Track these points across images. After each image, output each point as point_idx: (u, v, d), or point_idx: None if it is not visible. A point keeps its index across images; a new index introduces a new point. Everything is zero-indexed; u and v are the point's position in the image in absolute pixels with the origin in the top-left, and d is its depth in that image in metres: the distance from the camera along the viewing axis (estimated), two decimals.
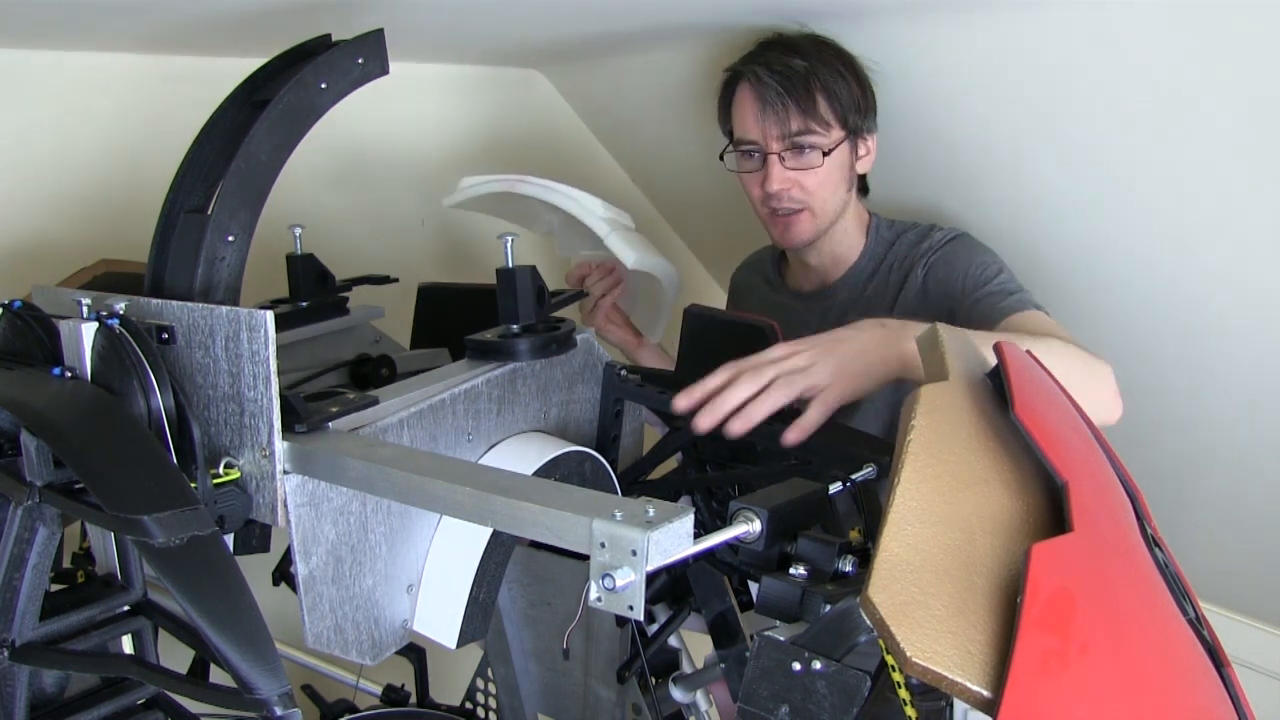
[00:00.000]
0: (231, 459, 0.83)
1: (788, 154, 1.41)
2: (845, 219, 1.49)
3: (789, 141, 1.40)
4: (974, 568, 0.62)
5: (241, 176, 0.89)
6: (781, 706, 0.68)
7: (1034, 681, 0.56)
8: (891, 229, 1.51)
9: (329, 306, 1.26)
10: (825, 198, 1.43)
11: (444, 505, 0.75)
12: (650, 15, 1.48)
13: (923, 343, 0.83)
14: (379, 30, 0.98)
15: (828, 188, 1.43)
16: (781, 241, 1.50)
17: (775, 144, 1.40)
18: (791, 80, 1.38)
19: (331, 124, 0.96)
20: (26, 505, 0.77)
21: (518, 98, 2.04)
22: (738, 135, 1.46)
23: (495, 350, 1.05)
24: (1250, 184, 1.30)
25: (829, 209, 1.45)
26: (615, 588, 0.63)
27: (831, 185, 1.43)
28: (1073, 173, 1.46)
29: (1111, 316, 1.61)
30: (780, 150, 1.40)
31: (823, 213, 1.44)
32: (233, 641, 0.65)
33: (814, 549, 0.76)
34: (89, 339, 0.82)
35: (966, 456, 0.69)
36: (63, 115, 1.42)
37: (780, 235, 1.48)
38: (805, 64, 1.39)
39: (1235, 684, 0.72)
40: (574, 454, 1.04)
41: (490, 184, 1.32)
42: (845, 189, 1.46)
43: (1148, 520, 0.78)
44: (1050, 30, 1.28)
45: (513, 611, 1.29)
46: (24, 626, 0.78)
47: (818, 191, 1.42)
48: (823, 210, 1.44)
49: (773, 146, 1.40)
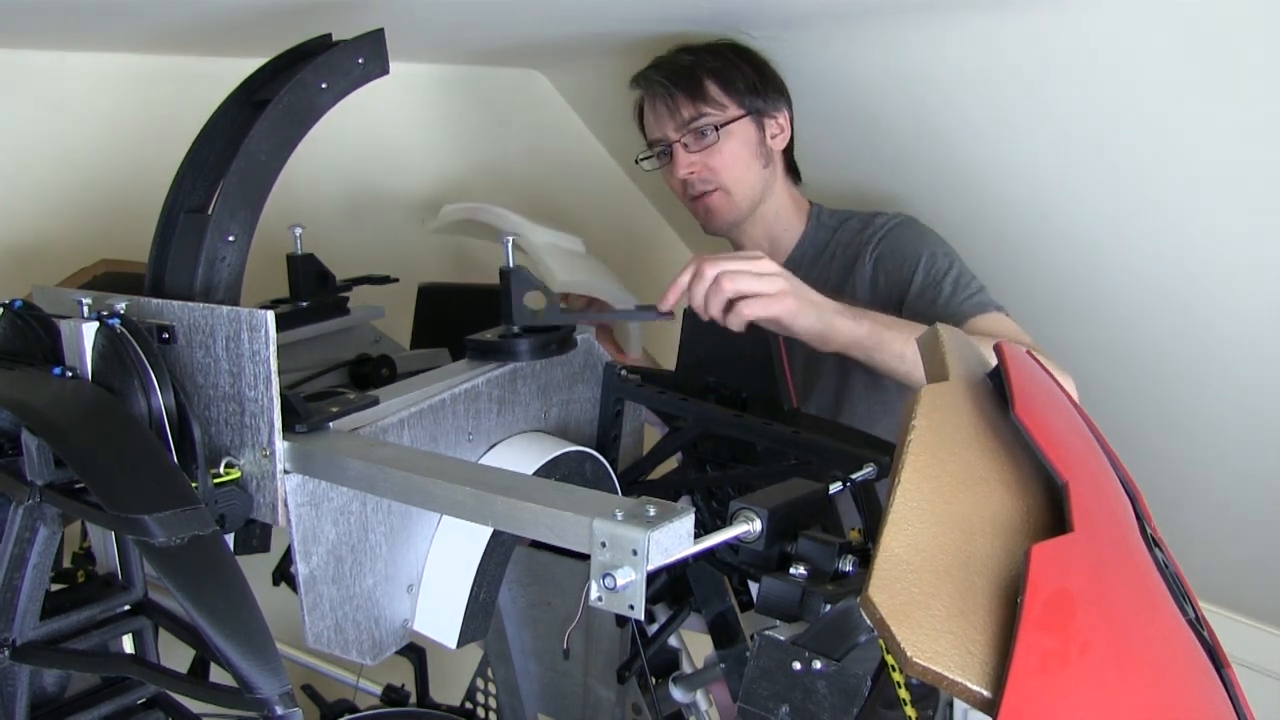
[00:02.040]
0: (232, 459, 0.83)
1: (689, 139, 1.48)
2: (774, 201, 1.53)
3: (685, 129, 1.47)
4: (974, 568, 0.62)
5: (242, 176, 0.89)
6: (782, 706, 0.68)
7: (1034, 682, 0.56)
8: (834, 217, 1.55)
9: (329, 306, 1.26)
10: (736, 176, 1.48)
11: (444, 505, 0.75)
12: (650, 16, 1.48)
13: (923, 343, 0.83)
14: (379, 30, 0.98)
15: (737, 166, 1.48)
16: (707, 225, 1.54)
17: (674, 133, 1.48)
18: (677, 73, 1.47)
19: (332, 124, 0.96)
20: (27, 505, 0.77)
21: (518, 98, 2.04)
22: (649, 139, 1.55)
23: (496, 350, 1.05)
24: (1251, 184, 1.30)
25: (743, 187, 1.49)
26: (616, 587, 0.63)
27: (741, 163, 1.48)
28: (1072, 173, 1.46)
29: (1111, 317, 1.61)
30: (680, 138, 1.48)
31: (737, 190, 1.49)
32: (233, 641, 0.65)
33: (814, 549, 0.76)
34: (89, 339, 0.82)
35: (966, 456, 0.69)
36: (63, 115, 1.42)
37: (704, 220, 1.53)
38: (692, 58, 1.48)
39: (1235, 684, 0.72)
40: (574, 454, 1.04)
41: (459, 211, 1.43)
42: (759, 166, 1.50)
43: (1148, 520, 0.78)
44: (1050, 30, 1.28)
45: (513, 611, 1.29)
46: (25, 626, 0.78)
47: (725, 170, 1.48)
48: (736, 187, 1.49)
49: (672, 136, 1.48)
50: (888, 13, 1.37)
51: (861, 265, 1.45)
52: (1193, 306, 1.51)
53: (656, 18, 1.51)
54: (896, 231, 1.45)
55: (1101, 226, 1.50)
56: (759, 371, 1.15)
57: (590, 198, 2.21)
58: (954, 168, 1.58)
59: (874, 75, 1.52)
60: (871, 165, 1.71)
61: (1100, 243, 1.53)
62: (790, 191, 1.56)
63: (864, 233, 1.48)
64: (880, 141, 1.65)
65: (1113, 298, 1.58)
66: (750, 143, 1.49)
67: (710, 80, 1.46)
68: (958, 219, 1.59)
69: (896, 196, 1.67)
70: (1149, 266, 1.50)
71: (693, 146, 1.47)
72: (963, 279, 1.36)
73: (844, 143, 1.68)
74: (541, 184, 2.11)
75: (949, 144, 1.55)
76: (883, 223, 1.47)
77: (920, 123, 1.55)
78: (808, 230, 1.55)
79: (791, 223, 1.56)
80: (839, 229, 1.52)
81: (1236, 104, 1.23)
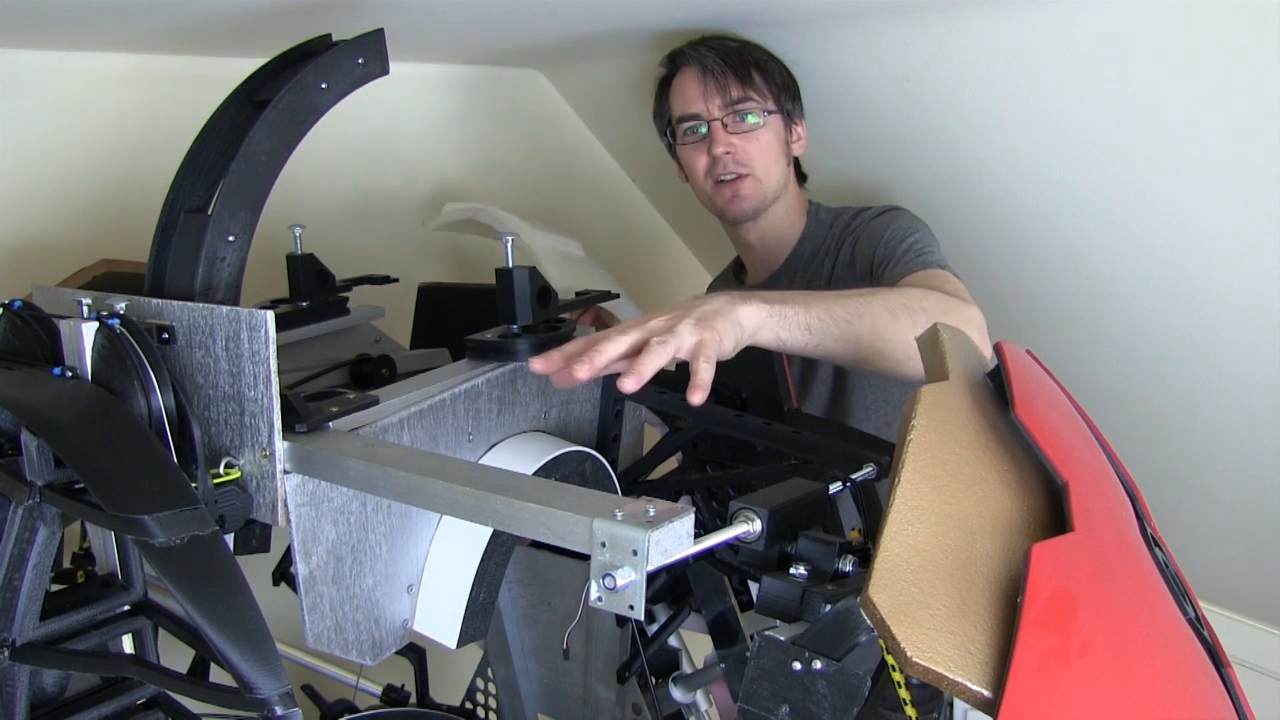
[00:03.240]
0: (232, 459, 0.83)
1: (730, 120, 1.49)
2: (786, 199, 1.56)
3: (730, 108, 1.48)
4: (974, 568, 0.62)
5: (241, 176, 0.89)
6: (782, 706, 0.68)
7: (1034, 681, 0.56)
8: (830, 213, 1.58)
9: (329, 306, 1.26)
10: (767, 166, 1.51)
11: (444, 505, 0.75)
12: (650, 15, 1.48)
13: (923, 343, 0.83)
14: (379, 30, 0.98)
15: (769, 156, 1.51)
16: (729, 210, 1.54)
17: (718, 111, 1.49)
18: (728, 55, 1.49)
19: (332, 124, 0.96)
20: (27, 505, 0.77)
21: (518, 98, 2.04)
22: (680, 113, 1.54)
23: (495, 350, 1.05)
24: (1251, 184, 1.30)
25: (770, 178, 1.52)
26: (616, 587, 0.63)
27: (772, 154, 1.51)
28: (1072, 172, 1.46)
29: (1110, 317, 1.61)
30: (722, 116, 1.49)
31: (765, 179, 1.51)
32: (233, 641, 0.65)
33: (814, 549, 0.76)
34: (89, 339, 0.82)
35: (966, 456, 0.69)
36: (63, 115, 1.42)
37: (728, 203, 1.53)
38: (738, 45, 1.51)
39: (1235, 684, 0.72)
40: (574, 454, 1.04)
41: (461, 210, 1.45)
42: (784, 163, 1.54)
43: (1148, 520, 0.78)
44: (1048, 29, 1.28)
45: (513, 611, 1.29)
46: (24, 626, 0.78)
47: (759, 158, 1.50)
48: (766, 177, 1.51)
49: (715, 114, 1.49)
50: (888, 13, 1.38)
51: (845, 251, 1.50)
52: (1192, 306, 1.50)
53: (657, 17, 1.51)
54: (880, 218, 1.48)
55: (1101, 226, 1.50)
56: (759, 371, 1.15)
57: (590, 198, 2.21)
58: (954, 167, 1.58)
59: (874, 75, 1.53)
60: (871, 165, 1.72)
61: (1100, 242, 1.53)
62: (798, 194, 1.60)
63: (852, 223, 1.52)
64: (879, 141, 1.65)
65: (1112, 297, 1.58)
66: (781, 140, 1.53)
67: (756, 69, 1.49)
68: (957, 218, 1.59)
69: (896, 196, 1.68)
70: (1148, 266, 1.50)
71: (732, 128, 1.49)
72: (920, 245, 1.37)
73: (843, 142, 1.69)
74: (541, 184, 2.11)
75: (948, 143, 1.55)
76: (870, 213, 1.51)
77: (920, 122, 1.55)
78: (808, 227, 1.58)
79: (796, 220, 1.59)
80: (833, 224, 1.56)
81: (1236, 103, 1.23)
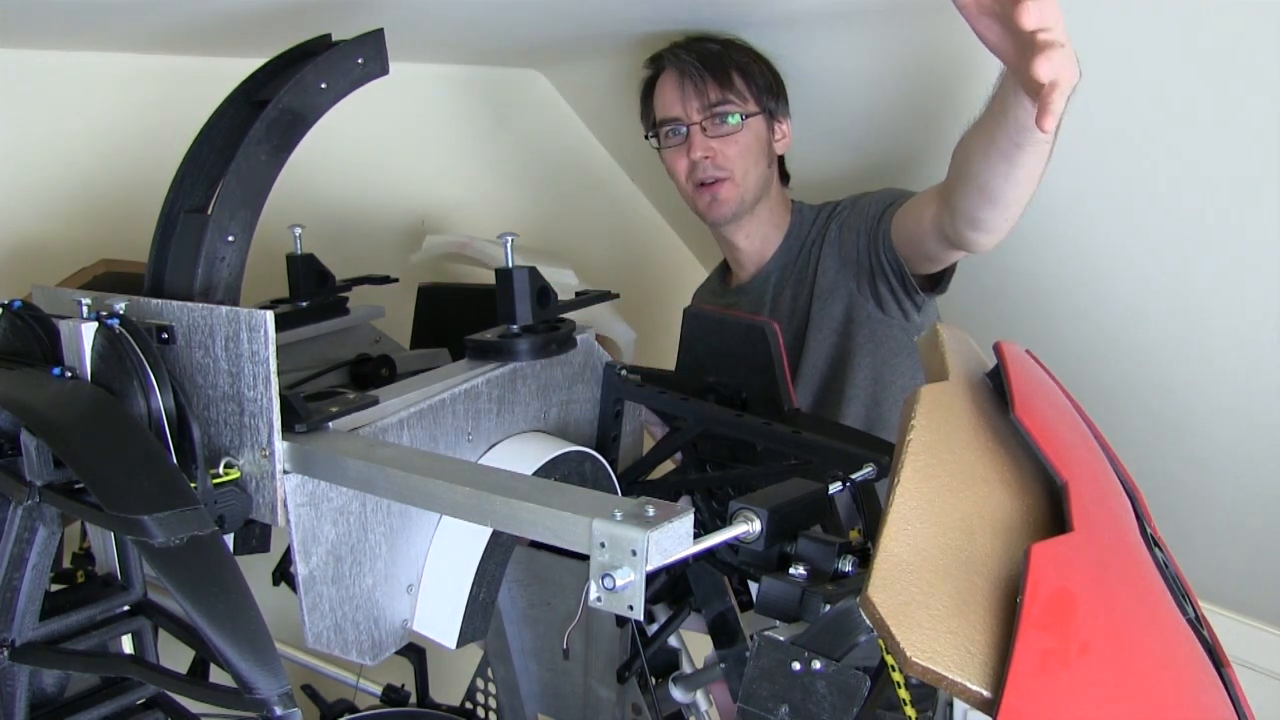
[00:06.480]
0: (231, 459, 0.83)
1: (708, 123, 1.49)
2: (769, 199, 1.57)
3: (709, 112, 1.49)
4: (974, 568, 0.62)
5: (241, 176, 0.89)
6: (781, 706, 0.68)
7: (1034, 681, 0.56)
8: (813, 210, 1.59)
9: (329, 306, 1.26)
10: (746, 168, 1.51)
11: (444, 505, 0.75)
12: (650, 15, 1.48)
13: (923, 343, 0.83)
14: (379, 30, 0.98)
15: (748, 158, 1.51)
16: (708, 214, 1.55)
17: (696, 114, 1.49)
18: (707, 58, 1.50)
19: (332, 124, 0.96)
20: (26, 505, 0.77)
21: (518, 98, 2.04)
22: (660, 117, 1.54)
23: (495, 350, 1.05)
24: (1251, 185, 1.30)
25: (750, 181, 1.52)
26: (615, 587, 0.63)
27: (752, 156, 1.51)
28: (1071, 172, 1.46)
29: (1111, 319, 1.61)
30: (701, 120, 1.49)
31: (744, 182, 1.51)
32: (233, 641, 0.65)
33: (814, 549, 0.76)
34: (89, 339, 0.82)
35: (966, 456, 0.69)
36: (63, 115, 1.42)
37: (707, 207, 1.54)
38: (719, 47, 1.51)
39: (1235, 684, 0.72)
40: (574, 454, 1.04)
41: (444, 244, 1.45)
42: (765, 164, 1.54)
43: (1148, 520, 0.78)
44: None
45: (513, 611, 1.29)
46: (24, 626, 0.78)
47: (738, 161, 1.50)
48: (744, 180, 1.51)
49: (694, 117, 1.49)
50: (887, 13, 1.37)
51: (830, 235, 1.50)
52: (1191, 307, 1.50)
53: (656, 17, 1.51)
54: (864, 197, 1.49)
55: (1100, 226, 1.50)
56: (759, 371, 1.15)
57: (590, 197, 2.21)
58: None
59: (873, 74, 1.52)
60: (871, 164, 1.72)
61: (1099, 243, 1.53)
62: (781, 193, 1.60)
63: (835, 211, 1.53)
64: (879, 141, 1.65)
65: (1112, 298, 1.58)
66: (761, 140, 1.53)
67: (735, 72, 1.49)
68: None
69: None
70: (1147, 267, 1.50)
71: (710, 131, 1.49)
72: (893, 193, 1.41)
73: (843, 141, 1.69)
74: (541, 184, 2.12)
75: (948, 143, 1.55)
76: (851, 200, 1.52)
77: (919, 122, 1.55)
78: (792, 224, 1.59)
79: (781, 219, 1.60)
80: (816, 218, 1.57)
81: (1237, 104, 1.23)
